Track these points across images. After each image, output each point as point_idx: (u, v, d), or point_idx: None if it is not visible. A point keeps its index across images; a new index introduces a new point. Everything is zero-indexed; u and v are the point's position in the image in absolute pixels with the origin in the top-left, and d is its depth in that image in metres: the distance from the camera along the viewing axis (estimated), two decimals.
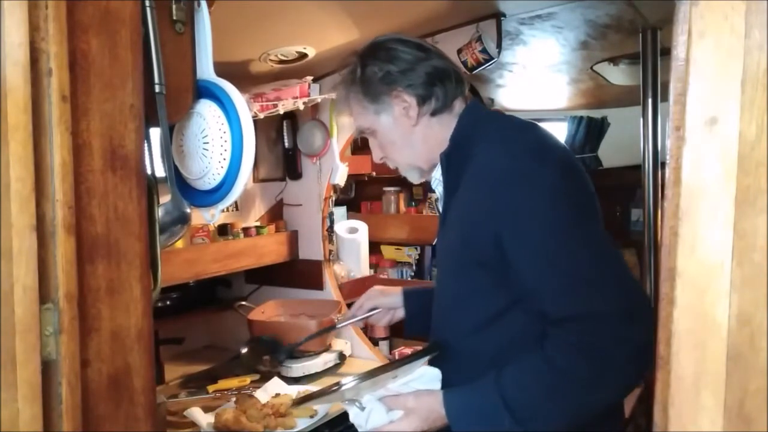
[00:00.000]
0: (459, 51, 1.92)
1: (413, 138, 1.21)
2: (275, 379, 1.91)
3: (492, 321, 1.11)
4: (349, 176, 2.34)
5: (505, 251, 1.05)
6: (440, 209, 1.27)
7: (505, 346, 1.10)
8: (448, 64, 1.22)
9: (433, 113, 1.20)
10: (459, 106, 1.23)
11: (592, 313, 0.98)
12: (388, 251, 2.87)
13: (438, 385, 1.13)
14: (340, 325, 1.69)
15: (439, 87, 1.19)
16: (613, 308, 0.98)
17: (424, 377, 1.13)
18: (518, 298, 1.09)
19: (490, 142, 1.15)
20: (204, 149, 1.18)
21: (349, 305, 2.33)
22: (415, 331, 1.48)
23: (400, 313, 1.47)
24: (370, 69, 1.19)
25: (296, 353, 2.04)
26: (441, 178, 1.22)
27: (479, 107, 1.25)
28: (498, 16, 1.90)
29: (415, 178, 1.29)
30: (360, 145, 2.76)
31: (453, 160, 1.18)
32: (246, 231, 2.21)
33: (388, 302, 1.47)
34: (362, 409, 1.10)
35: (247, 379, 1.99)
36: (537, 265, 1.04)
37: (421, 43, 1.22)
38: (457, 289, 1.17)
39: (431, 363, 1.14)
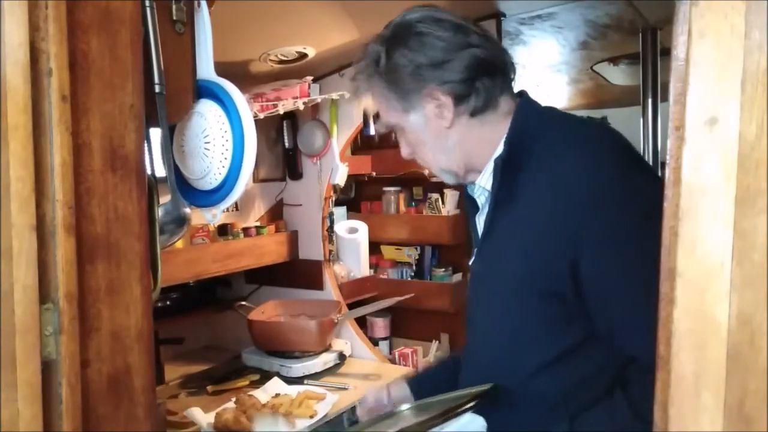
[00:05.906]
0: None
1: (447, 142, 1.03)
2: (275, 379, 1.91)
3: (562, 357, 0.95)
4: (349, 176, 2.35)
5: (583, 282, 0.89)
6: (480, 222, 1.09)
7: (573, 388, 0.94)
8: (494, 52, 1.01)
9: (473, 113, 1.01)
10: (506, 103, 1.03)
11: None
12: (388, 251, 2.87)
13: None
14: None
15: (480, 82, 0.99)
16: None
17: (474, 423, 0.97)
18: (595, 333, 0.93)
19: (562, 146, 0.97)
20: (205, 149, 1.18)
21: (349, 305, 2.34)
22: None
23: None
24: (397, 60, 0.99)
25: (296, 353, 2.05)
26: (486, 188, 1.05)
27: (534, 102, 1.06)
28: (498, 16, 1.90)
29: (449, 181, 1.12)
30: (360, 146, 2.76)
31: (509, 166, 0.99)
32: (246, 231, 2.21)
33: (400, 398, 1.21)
34: None
35: (247, 379, 1.99)
36: (629, 302, 0.87)
37: (462, 23, 1.00)
38: (520, 321, 0.98)
39: (477, 409, 0.96)
